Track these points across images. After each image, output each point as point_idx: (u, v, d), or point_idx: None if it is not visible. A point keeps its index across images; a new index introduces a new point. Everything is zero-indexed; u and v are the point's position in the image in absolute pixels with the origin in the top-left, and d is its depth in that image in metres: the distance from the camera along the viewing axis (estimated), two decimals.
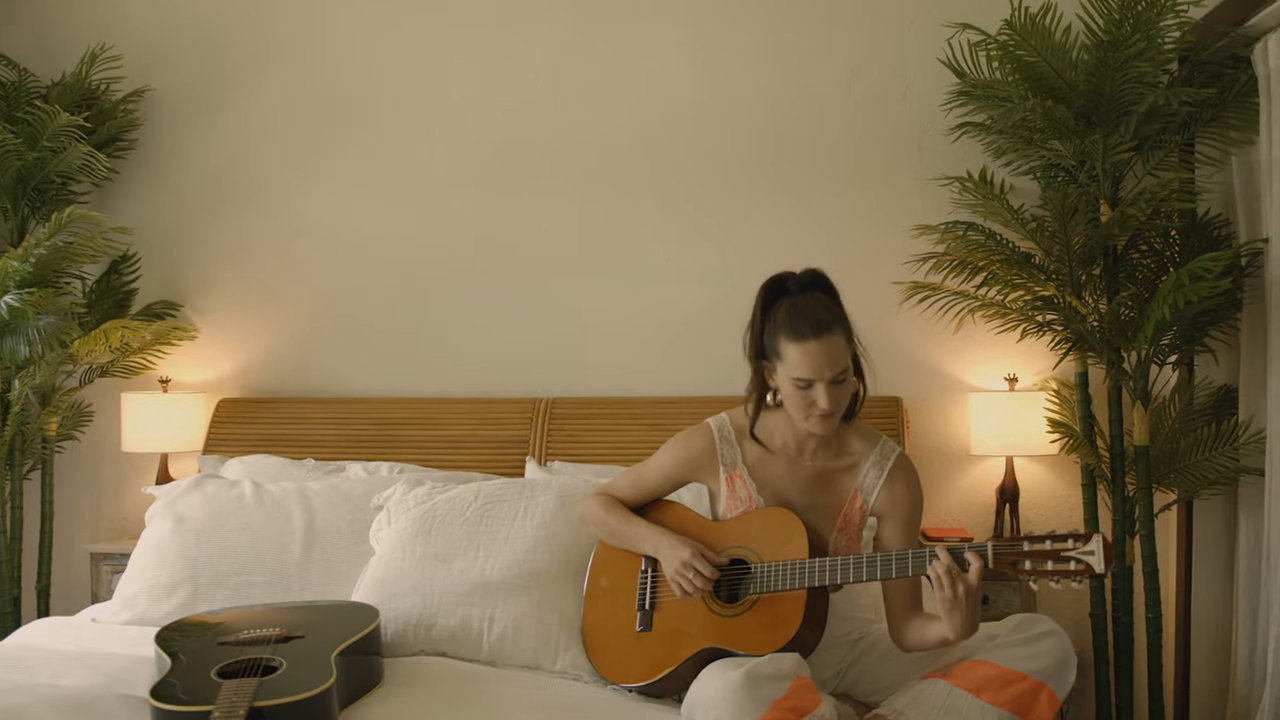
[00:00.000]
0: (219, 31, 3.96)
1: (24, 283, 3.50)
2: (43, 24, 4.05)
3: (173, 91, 3.98)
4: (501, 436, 3.59)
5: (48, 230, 3.49)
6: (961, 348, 3.55)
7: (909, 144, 3.58)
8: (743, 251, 3.65)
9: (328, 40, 3.89)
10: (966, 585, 2.16)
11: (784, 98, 3.65)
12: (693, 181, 3.69)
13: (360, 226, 3.86)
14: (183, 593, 2.97)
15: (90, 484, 4.05)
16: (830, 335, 2.29)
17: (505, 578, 2.68)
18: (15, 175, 3.63)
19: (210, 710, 2.01)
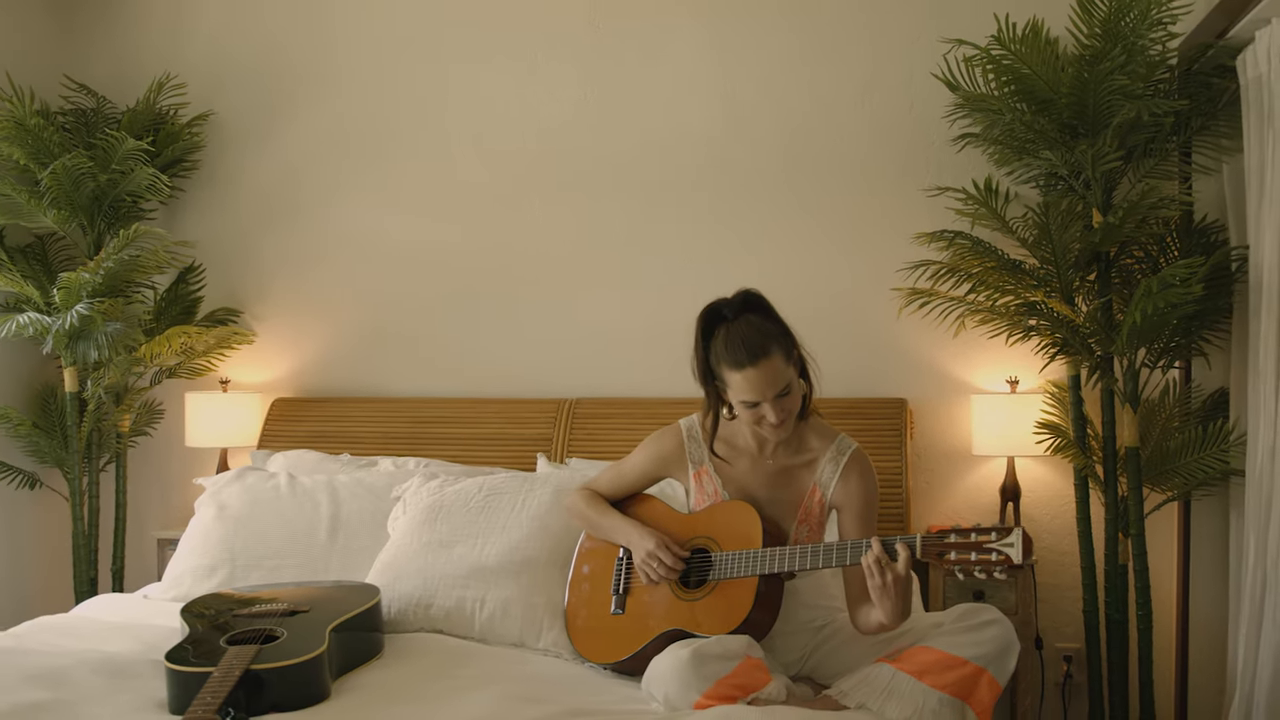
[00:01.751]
0: (274, 60, 4.28)
1: (95, 293, 3.85)
2: (118, 55, 4.42)
3: (232, 116, 4.31)
4: (528, 434, 3.82)
5: (116, 245, 3.84)
6: (964, 351, 3.66)
7: (916, 155, 3.71)
8: (757, 260, 3.81)
9: (372, 66, 4.17)
10: (895, 574, 2.31)
11: (797, 113, 3.81)
12: (710, 193, 3.88)
13: (401, 239, 4.13)
14: (221, 573, 3.28)
15: (159, 476, 4.41)
16: (766, 359, 2.45)
17: (499, 563, 2.92)
18: (90, 195, 3.98)
19: (210, 670, 2.28)
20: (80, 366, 3.96)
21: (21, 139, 3.91)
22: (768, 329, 2.50)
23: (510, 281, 4.04)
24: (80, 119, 4.25)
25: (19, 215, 4.00)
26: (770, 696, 2.36)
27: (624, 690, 2.53)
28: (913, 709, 2.34)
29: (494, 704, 2.36)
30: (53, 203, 3.93)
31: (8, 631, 3.00)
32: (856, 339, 3.73)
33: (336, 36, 4.21)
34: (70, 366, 3.97)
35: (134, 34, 4.42)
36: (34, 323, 3.79)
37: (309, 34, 4.24)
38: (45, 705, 2.31)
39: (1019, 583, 3.38)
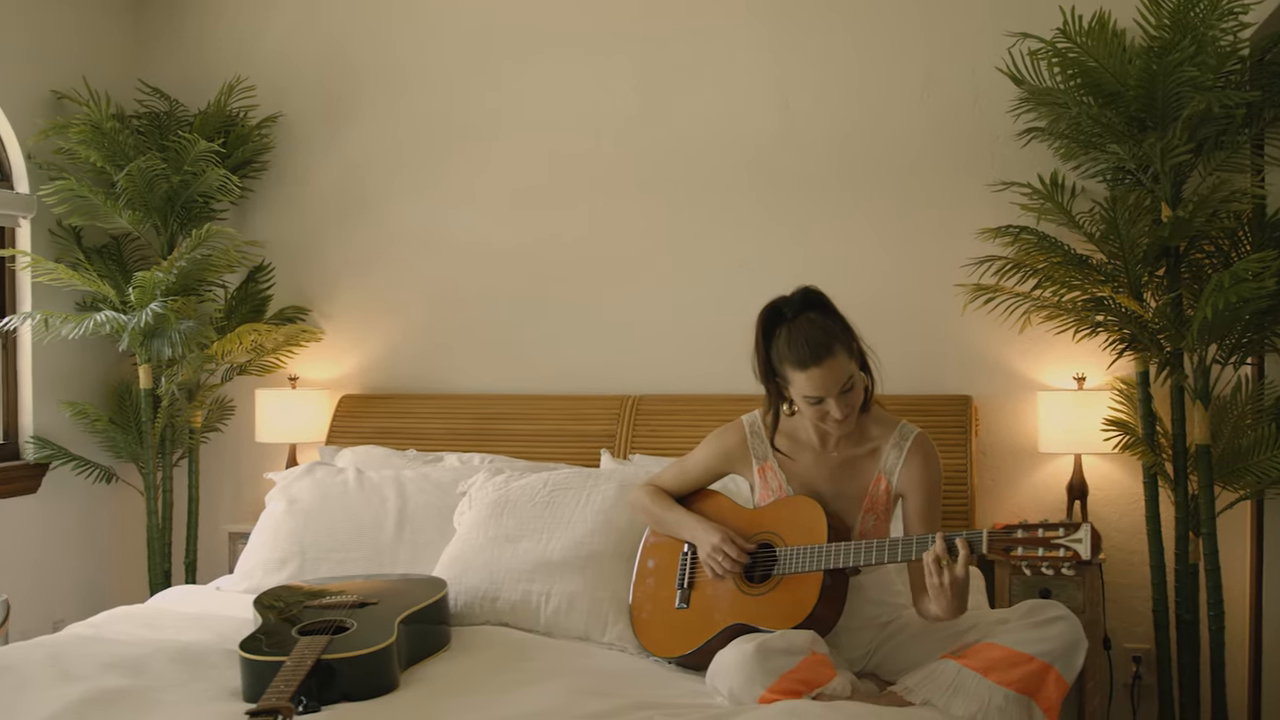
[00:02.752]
0: (339, 62, 4.34)
1: (169, 291, 3.94)
2: (190, 59, 4.52)
3: (300, 117, 4.39)
4: (591, 431, 3.85)
5: (189, 245, 3.93)
6: (1030, 348, 3.63)
7: (979, 150, 3.68)
8: (819, 257, 3.81)
9: (434, 66, 4.22)
10: (952, 575, 2.32)
11: (856, 110, 3.79)
12: (771, 191, 3.88)
13: (465, 237, 4.18)
14: (291, 566, 3.34)
15: (231, 471, 4.50)
16: (830, 357, 2.46)
17: (564, 558, 2.95)
18: (164, 196, 4.07)
19: (284, 660, 2.34)
20: (154, 364, 4.06)
21: (99, 142, 4.01)
22: (829, 326, 2.50)
23: (573, 279, 4.07)
24: (154, 122, 4.34)
25: (96, 216, 4.11)
26: (835, 692, 2.36)
27: (688, 684, 2.54)
28: (978, 705, 2.33)
29: (560, 696, 2.39)
30: (128, 204, 4.03)
31: (87, 621, 3.09)
32: (920, 336, 3.71)
33: (400, 38, 4.27)
34: (145, 364, 4.06)
35: (205, 39, 4.51)
36: (111, 320, 3.89)
37: (373, 35, 4.30)
38: (125, 692, 2.38)
39: (1086, 581, 3.35)
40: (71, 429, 4.24)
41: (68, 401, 4.19)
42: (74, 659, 2.61)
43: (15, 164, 4.13)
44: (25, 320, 3.99)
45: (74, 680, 2.46)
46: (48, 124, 4.10)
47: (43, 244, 4.18)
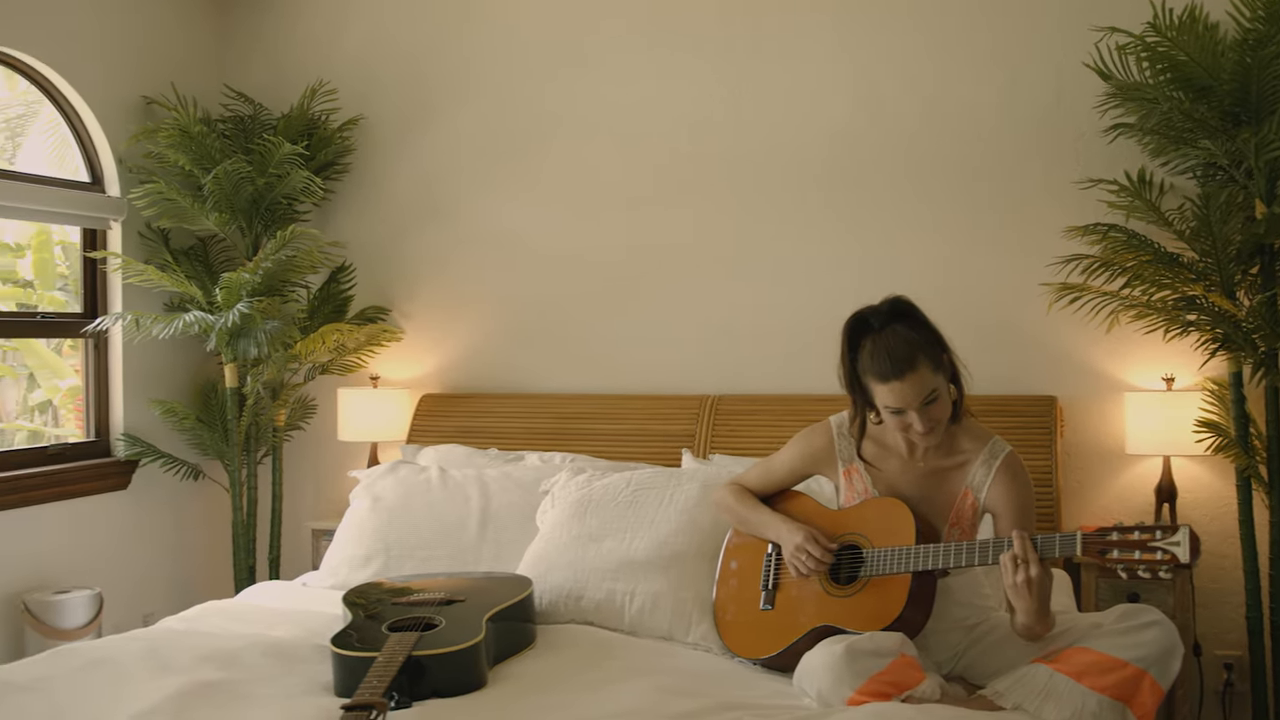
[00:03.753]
0: (420, 64, 4.39)
1: (254, 292, 4.02)
2: (273, 63, 4.60)
3: (382, 120, 4.44)
4: (669, 431, 3.85)
5: (273, 246, 4.00)
6: (1117, 348, 3.56)
7: (1064, 147, 3.62)
8: (901, 257, 3.77)
9: (513, 70, 4.25)
10: (1027, 575, 2.29)
11: (937, 108, 3.75)
12: (850, 190, 3.85)
13: (544, 237, 4.21)
14: (376, 563, 3.38)
15: (313, 469, 4.57)
16: (912, 371, 2.44)
17: (648, 557, 2.96)
18: (249, 198, 4.15)
19: (375, 656, 2.37)
20: (240, 363, 4.13)
21: (186, 146, 4.10)
22: (914, 339, 2.47)
23: (651, 278, 4.07)
24: (238, 125, 4.43)
25: (183, 219, 4.20)
26: (924, 695, 2.34)
27: (774, 685, 2.54)
28: (1071, 711, 2.29)
29: (646, 696, 2.40)
30: (215, 206, 4.11)
31: (179, 615, 3.16)
32: (1003, 336, 3.66)
33: (480, 39, 4.31)
34: (231, 363, 4.14)
35: (288, 43, 4.59)
36: (199, 321, 3.97)
37: (452, 38, 4.35)
38: (220, 684, 2.43)
39: (1177, 586, 3.28)
40: (160, 427, 4.34)
41: (156, 400, 4.29)
42: (170, 652, 2.67)
43: (107, 168, 4.23)
44: (116, 321, 4.08)
45: (172, 672, 2.52)
46: (138, 129, 4.20)
47: (132, 246, 4.28)
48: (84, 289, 4.28)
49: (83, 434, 4.45)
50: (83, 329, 4.17)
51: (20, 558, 3.86)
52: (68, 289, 4.95)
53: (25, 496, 3.89)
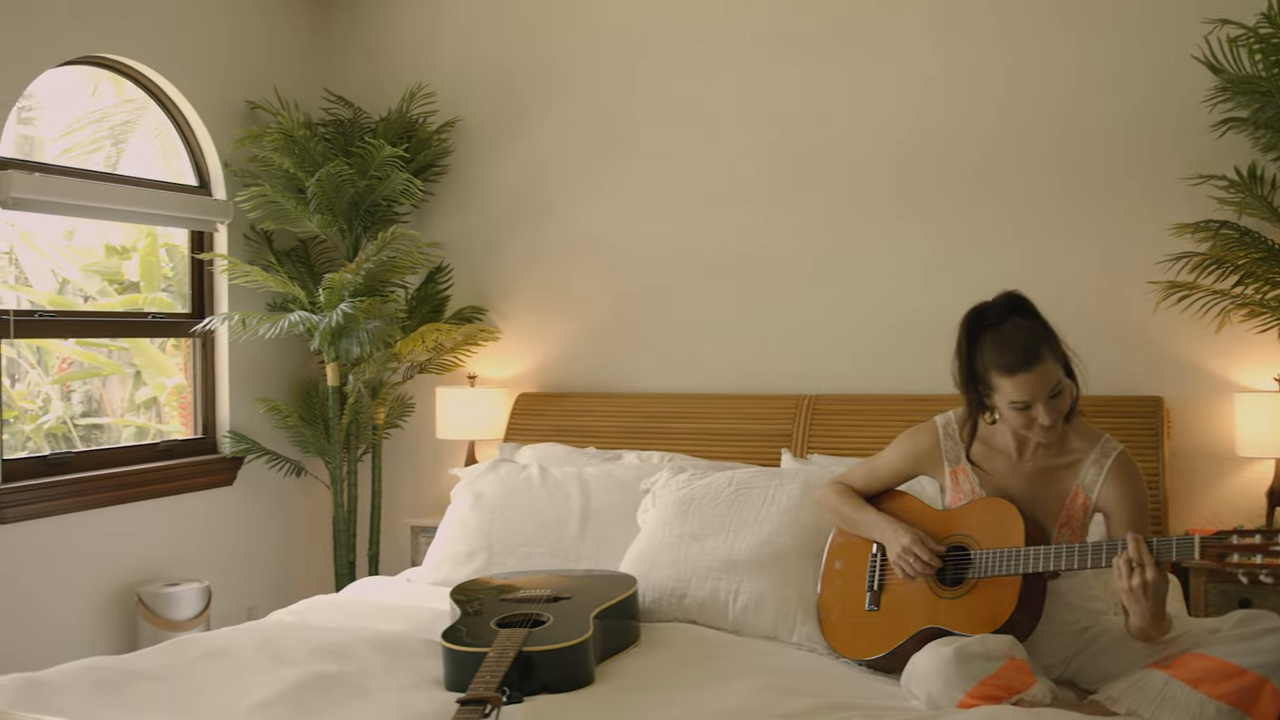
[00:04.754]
0: (516, 68, 4.44)
1: (356, 292, 4.09)
2: (372, 68, 4.68)
3: (478, 122, 4.50)
4: (764, 430, 3.85)
5: (375, 247, 4.07)
6: (1226, 347, 3.48)
7: (1170, 142, 3.55)
8: (1000, 256, 3.73)
9: (609, 72, 4.28)
10: (1143, 578, 2.25)
11: (1038, 104, 3.70)
12: (950, 189, 3.81)
13: (639, 237, 4.23)
14: (479, 560, 3.43)
15: (411, 466, 4.64)
16: (1039, 362, 2.41)
17: (751, 557, 2.97)
18: (350, 200, 4.23)
19: (486, 651, 2.41)
20: (342, 362, 4.21)
21: (290, 149, 4.19)
22: (1036, 331, 2.45)
23: (747, 279, 4.07)
24: (338, 129, 4.51)
25: (287, 221, 4.29)
26: (1035, 699, 2.31)
27: (880, 686, 2.53)
28: (1189, 718, 2.26)
29: (753, 695, 2.41)
30: (318, 208, 4.20)
31: (289, 608, 3.23)
32: (1108, 335, 3.59)
33: (574, 42, 4.34)
34: (333, 362, 4.22)
35: (386, 47, 4.67)
36: (304, 320, 4.06)
37: (546, 40, 4.39)
38: (335, 676, 2.49)
39: None
40: (263, 424, 4.45)
41: (261, 398, 4.40)
42: (284, 644, 2.74)
43: (214, 172, 4.35)
44: (224, 321, 4.19)
45: (287, 664, 2.58)
46: (244, 133, 4.30)
47: (237, 248, 4.39)
48: (192, 290, 4.40)
49: (186, 431, 4.58)
50: (191, 329, 4.29)
51: (133, 551, 3.98)
52: (171, 290, 5.09)
53: (137, 491, 4.01)
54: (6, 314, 3.62)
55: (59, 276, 5.28)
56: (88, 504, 3.83)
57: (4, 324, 3.59)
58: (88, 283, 5.32)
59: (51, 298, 5.02)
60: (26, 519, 3.63)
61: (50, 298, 5.01)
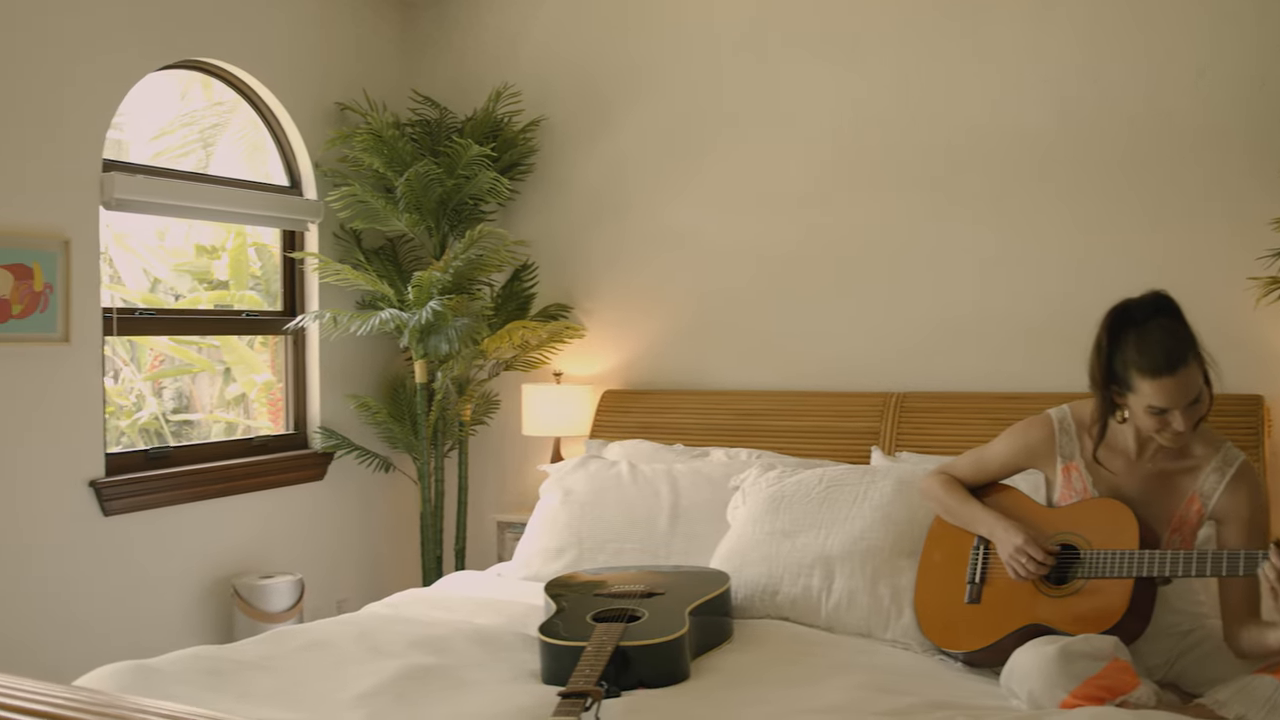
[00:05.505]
0: (600, 66, 4.46)
1: (444, 290, 4.14)
2: (458, 68, 4.73)
3: (563, 120, 4.53)
4: (852, 428, 3.83)
5: (463, 245, 4.12)
6: None
7: (1267, 135, 3.47)
8: (1090, 252, 3.66)
9: (692, 69, 4.28)
10: None
11: (1128, 97, 3.63)
12: (1038, 183, 3.76)
13: (722, 234, 4.23)
14: (569, 555, 3.46)
15: (497, 463, 4.69)
16: (1184, 367, 2.36)
17: (843, 553, 2.96)
18: (437, 199, 4.28)
19: (584, 646, 2.42)
20: (430, 359, 4.27)
21: (379, 149, 4.25)
22: (1182, 335, 2.40)
23: (830, 274, 4.05)
24: (425, 129, 4.57)
25: (376, 220, 4.35)
26: (1140, 701, 2.28)
27: (979, 685, 2.51)
28: None
29: (851, 692, 2.40)
30: (406, 207, 4.25)
31: (383, 601, 3.29)
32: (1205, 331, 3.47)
33: (656, 41, 4.35)
34: (421, 359, 4.28)
35: (472, 48, 4.72)
36: (394, 318, 4.12)
37: (631, 39, 4.40)
38: (434, 669, 2.53)
39: None
40: (353, 420, 4.52)
41: (351, 395, 4.47)
42: (381, 636, 2.78)
43: (305, 172, 4.42)
44: (316, 319, 4.26)
45: (386, 656, 2.62)
46: (335, 133, 4.37)
47: (327, 247, 4.46)
48: (284, 288, 4.48)
49: (274, 427, 4.67)
50: (284, 326, 4.38)
51: (228, 543, 4.07)
52: (259, 288, 5.19)
53: (231, 485, 4.10)
54: (110, 312, 3.72)
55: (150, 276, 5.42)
56: (185, 497, 3.92)
57: (107, 321, 3.69)
58: (178, 282, 5.45)
59: (144, 296, 5.15)
60: (128, 511, 3.73)
61: (143, 296, 5.14)
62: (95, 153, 3.61)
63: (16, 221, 3.38)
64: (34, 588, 3.44)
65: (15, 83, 3.38)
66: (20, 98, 3.39)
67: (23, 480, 3.42)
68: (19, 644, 3.36)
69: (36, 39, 3.44)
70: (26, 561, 3.43)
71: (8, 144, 3.36)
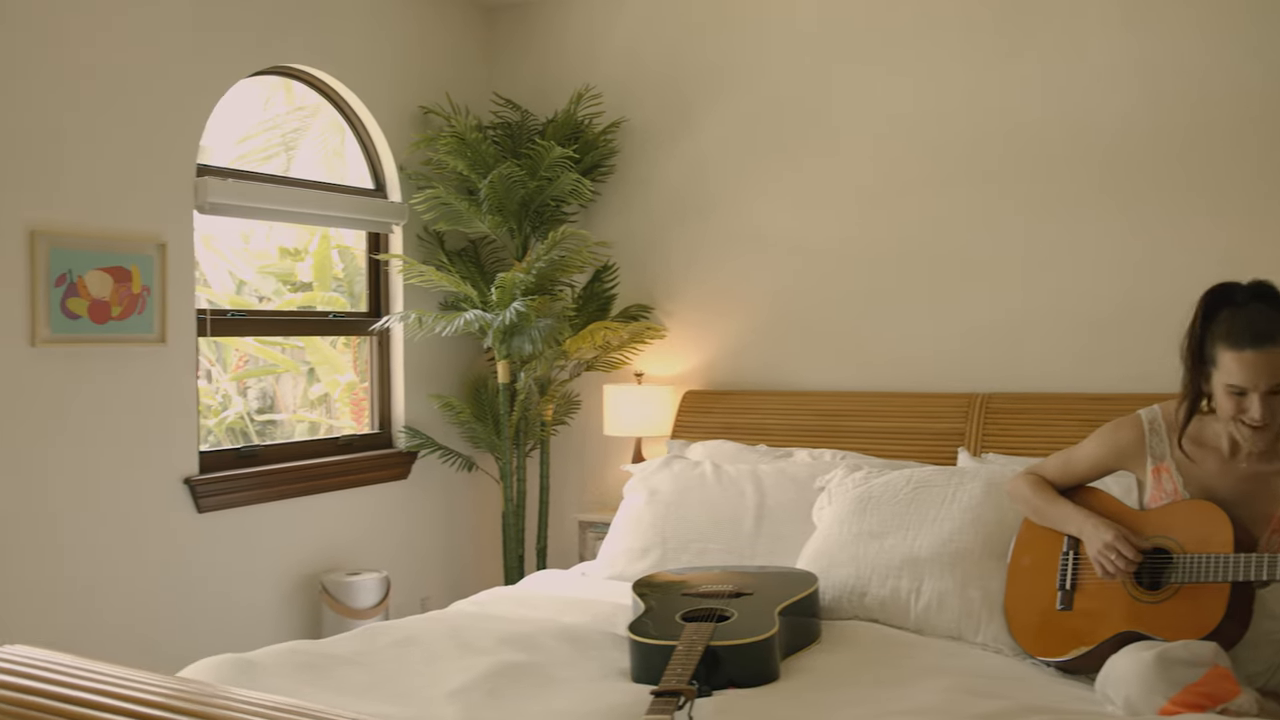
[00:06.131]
0: (680, 68, 4.47)
1: (527, 291, 4.18)
2: (539, 71, 4.77)
3: (643, 121, 4.54)
4: (937, 429, 3.80)
5: (545, 246, 4.15)
6: None
7: None
8: (1175, 248, 3.58)
9: (772, 69, 4.27)
10: None
11: (1208, 88, 3.54)
12: (1116, 181, 3.68)
13: (804, 233, 4.21)
14: (653, 555, 3.47)
15: (578, 462, 4.72)
16: (1271, 345, 2.32)
17: (932, 555, 2.93)
18: (520, 201, 4.32)
19: (674, 645, 2.43)
20: (513, 359, 4.31)
21: (462, 152, 4.30)
22: (1276, 319, 2.36)
23: (915, 276, 4.02)
24: (507, 132, 4.61)
25: (459, 222, 4.40)
26: (1242, 709, 2.22)
27: (1073, 690, 2.47)
28: None
29: (943, 695, 2.37)
30: (490, 209, 4.30)
31: (470, 599, 3.32)
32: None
33: (736, 41, 4.34)
34: (503, 359, 4.32)
35: (553, 50, 4.75)
36: (478, 319, 4.16)
37: (712, 40, 4.40)
38: (525, 666, 2.55)
39: None
40: (436, 420, 4.58)
41: (435, 395, 4.53)
42: (470, 633, 2.82)
43: (389, 175, 4.49)
44: (402, 320, 4.33)
45: (477, 653, 2.65)
46: (419, 136, 4.44)
47: (410, 248, 4.52)
48: (369, 290, 4.55)
49: (356, 426, 4.73)
50: (370, 327, 4.44)
51: (315, 540, 4.15)
52: (341, 289, 5.28)
53: (318, 484, 4.17)
54: (203, 313, 3.80)
55: (236, 278, 5.53)
56: (273, 495, 4.00)
57: (200, 322, 3.78)
58: (263, 284, 5.56)
59: (231, 298, 5.26)
60: (220, 508, 3.81)
61: (229, 298, 5.25)
62: (190, 158, 3.70)
63: (116, 226, 3.48)
64: (135, 582, 3.54)
65: (115, 93, 3.47)
66: (120, 106, 3.49)
67: (125, 476, 3.52)
68: (122, 635, 3.46)
69: (134, 48, 3.53)
70: (127, 556, 3.52)
71: (108, 151, 3.46)
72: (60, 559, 3.36)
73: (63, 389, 3.36)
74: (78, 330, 3.38)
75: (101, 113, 3.44)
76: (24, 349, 3.27)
